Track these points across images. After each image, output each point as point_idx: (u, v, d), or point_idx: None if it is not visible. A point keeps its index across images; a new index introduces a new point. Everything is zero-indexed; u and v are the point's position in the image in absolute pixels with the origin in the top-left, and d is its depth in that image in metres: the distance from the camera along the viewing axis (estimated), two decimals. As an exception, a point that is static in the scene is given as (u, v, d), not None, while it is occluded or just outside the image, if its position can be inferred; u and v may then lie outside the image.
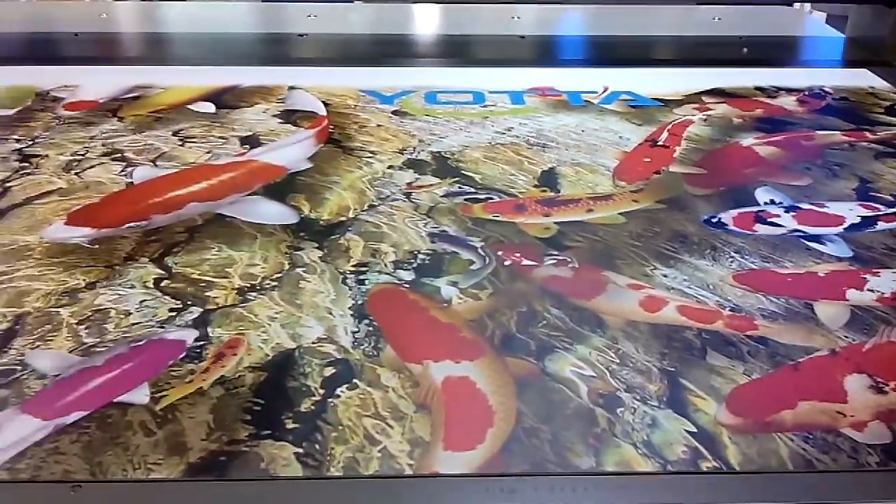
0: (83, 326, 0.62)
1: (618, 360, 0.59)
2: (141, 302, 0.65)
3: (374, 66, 1.24)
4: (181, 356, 0.59)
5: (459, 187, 0.85)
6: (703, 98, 1.10)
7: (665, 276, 0.70)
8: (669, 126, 1.00)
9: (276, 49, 1.32)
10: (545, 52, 1.33)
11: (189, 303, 0.65)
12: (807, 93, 1.11)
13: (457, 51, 1.31)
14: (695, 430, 0.53)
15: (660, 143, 0.95)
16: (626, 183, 0.86)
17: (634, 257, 0.72)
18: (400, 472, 0.50)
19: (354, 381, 0.57)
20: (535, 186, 0.85)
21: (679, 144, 0.95)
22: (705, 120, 1.02)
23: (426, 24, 1.40)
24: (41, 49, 1.30)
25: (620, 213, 0.80)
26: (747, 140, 0.97)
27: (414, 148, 0.93)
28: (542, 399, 0.56)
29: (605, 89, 1.12)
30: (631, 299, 0.66)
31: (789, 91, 1.12)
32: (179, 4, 1.44)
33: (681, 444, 0.52)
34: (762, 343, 0.61)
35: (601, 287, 0.68)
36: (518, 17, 1.39)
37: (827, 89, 1.13)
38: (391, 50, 1.30)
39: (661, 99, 1.08)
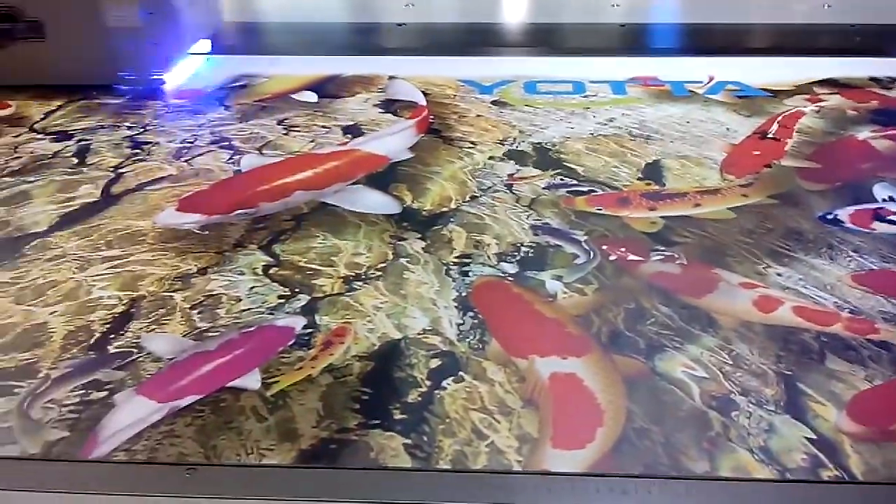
0: (196, 311, 0.64)
1: (731, 362, 0.58)
2: (251, 288, 0.66)
3: (473, 56, 1.23)
4: (290, 343, 0.60)
5: (561, 179, 0.83)
6: (815, 89, 1.05)
7: (779, 274, 0.67)
8: (780, 118, 0.96)
9: (375, 38, 1.32)
10: (646, 40, 1.30)
11: (297, 290, 0.66)
12: (927, 84, 1.06)
13: (556, 40, 1.29)
14: (814, 438, 0.51)
15: (770, 135, 0.92)
16: (734, 177, 0.83)
17: (746, 255, 0.70)
18: (508, 468, 0.49)
19: (460, 373, 0.57)
20: (640, 179, 0.83)
21: (790, 137, 0.92)
22: (818, 111, 0.98)
23: (524, 13, 1.38)
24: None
25: (729, 209, 0.77)
26: (863, 133, 0.93)
27: (514, 139, 0.93)
28: (652, 399, 0.54)
29: (711, 79, 1.09)
30: (744, 299, 0.64)
31: (907, 82, 1.07)
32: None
33: (800, 452, 0.50)
34: (884, 348, 0.59)
35: (712, 285, 0.66)
36: (617, 6, 1.36)
37: (949, 79, 1.07)
38: (489, 39, 1.29)
39: (770, 89, 1.05)
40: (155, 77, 1.02)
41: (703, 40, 1.29)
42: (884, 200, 0.78)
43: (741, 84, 1.07)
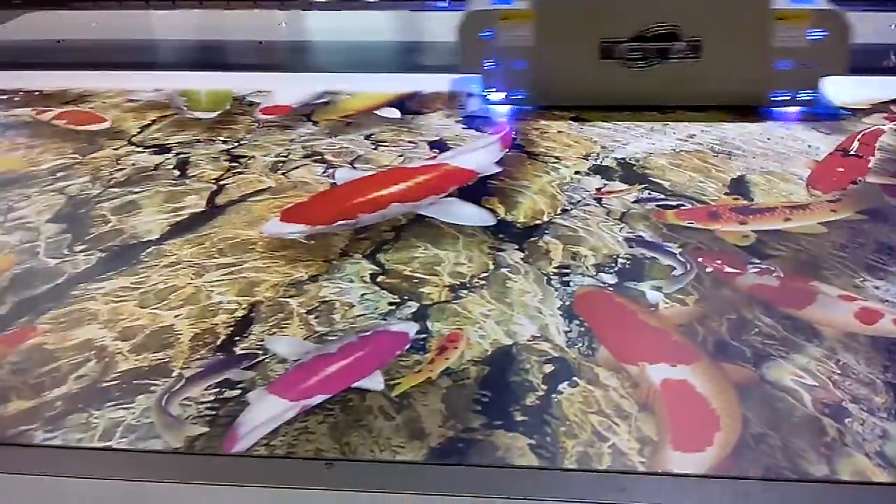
0: (312, 316, 0.67)
1: (839, 371, 0.59)
2: (361, 295, 0.69)
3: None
4: (406, 347, 0.62)
5: (649, 193, 0.85)
6: (893, 107, 1.06)
7: (877, 287, 0.69)
8: (860, 135, 0.97)
9: (448, 58, 1.35)
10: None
11: (406, 297, 0.69)
12: None
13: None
14: (929, 444, 0.53)
15: (852, 152, 0.93)
16: (821, 192, 0.85)
17: (841, 268, 0.71)
18: (633, 468, 0.51)
19: (574, 378, 0.59)
20: (727, 194, 0.85)
21: (872, 154, 0.93)
22: (898, 130, 0.99)
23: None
24: (230, 56, 1.39)
25: (820, 223, 0.79)
26: (946, 151, 0.94)
27: (597, 154, 0.95)
28: (765, 406, 0.56)
29: (787, 97, 1.10)
30: (845, 311, 0.66)
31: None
32: (354, 14, 1.50)
33: (917, 457, 0.52)
34: None
35: (811, 297, 0.68)
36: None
37: None
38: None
39: (848, 108, 1.06)
40: (804, 98, 1.03)
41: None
42: (973, 216, 0.79)
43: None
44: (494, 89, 1.05)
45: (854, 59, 1.15)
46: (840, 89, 1.11)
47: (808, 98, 1.03)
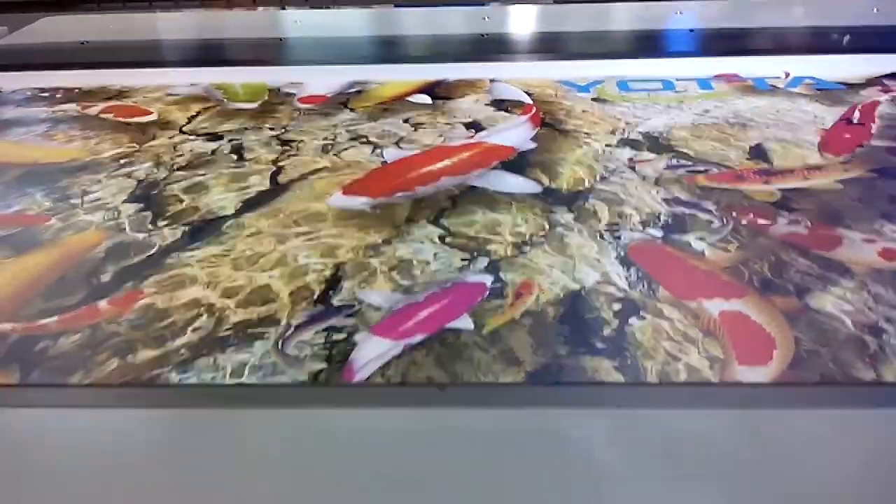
0: (395, 272, 0.74)
1: (872, 299, 0.67)
2: (434, 254, 0.76)
3: (559, 60, 1.33)
4: (486, 295, 0.70)
5: (678, 161, 0.93)
6: (885, 81, 1.16)
7: (894, 231, 0.77)
8: (860, 106, 1.06)
9: (464, 47, 1.43)
10: (718, 43, 1.41)
11: (475, 254, 0.76)
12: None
13: (632, 45, 1.40)
14: (958, 353, 0.61)
15: (854, 121, 1.02)
16: (833, 155, 0.93)
17: (861, 217, 0.80)
18: (708, 380, 0.59)
19: (641, 313, 0.67)
20: (748, 159, 0.93)
21: (873, 122, 1.02)
22: (892, 100, 1.08)
23: (599, 20, 1.50)
24: (259, 52, 1.45)
25: (836, 181, 0.87)
26: (939, 117, 1.03)
27: (623, 129, 1.03)
28: (813, 329, 0.64)
29: (787, 75, 1.19)
30: (869, 250, 0.74)
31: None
32: (373, 11, 1.58)
33: (949, 362, 0.60)
34: None
35: (838, 241, 0.76)
36: (681, 13, 1.47)
37: None
38: (571, 45, 1.40)
39: (844, 83, 1.15)
40: None
41: (773, 41, 1.40)
42: (971, 172, 0.88)
43: (816, 78, 1.17)
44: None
45: (838, 40, 1.24)
46: (836, 67, 1.20)
47: None
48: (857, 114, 1.04)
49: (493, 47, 1.43)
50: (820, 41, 1.40)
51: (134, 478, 0.53)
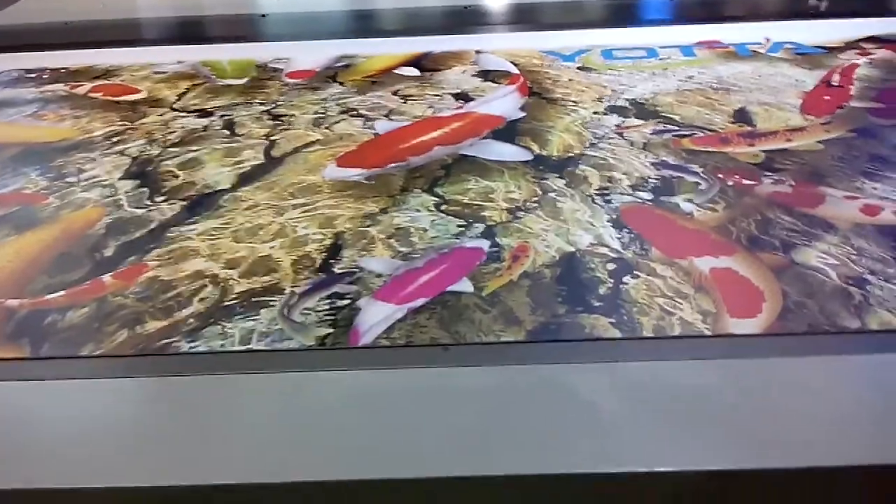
0: (393, 239, 0.76)
1: (855, 252, 0.70)
2: (431, 221, 0.78)
3: (542, 31, 1.35)
4: (483, 259, 0.72)
5: (664, 126, 0.95)
6: (862, 44, 1.18)
7: (874, 188, 0.80)
8: (838, 69, 1.09)
9: (448, 19, 1.44)
10: (699, 11, 1.43)
11: (471, 221, 0.78)
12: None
13: (614, 14, 1.41)
14: (939, 300, 0.64)
15: (834, 83, 1.05)
16: (814, 117, 0.95)
17: (842, 175, 0.83)
18: (702, 332, 0.61)
19: (635, 272, 0.69)
20: (732, 123, 0.95)
21: (852, 84, 1.04)
22: (870, 63, 1.11)
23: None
24: (243, 29, 1.45)
25: (818, 142, 0.90)
26: (915, 78, 1.05)
27: (609, 96, 1.05)
28: (799, 282, 0.67)
29: (768, 40, 1.21)
30: (851, 207, 0.77)
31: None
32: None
33: (929, 309, 0.63)
34: (978, 235, 0.71)
35: (821, 199, 0.78)
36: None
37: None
38: (554, 16, 1.42)
39: (823, 47, 1.17)
40: None
41: (751, 7, 1.42)
42: (948, 130, 0.91)
43: (796, 43, 1.19)
44: None
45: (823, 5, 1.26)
46: (814, 31, 1.22)
47: None
48: (836, 77, 1.06)
49: (477, 19, 1.44)
50: (799, 7, 1.42)
51: (149, 445, 0.55)
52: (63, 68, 1.25)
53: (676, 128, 0.95)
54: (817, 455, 0.50)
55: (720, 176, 0.83)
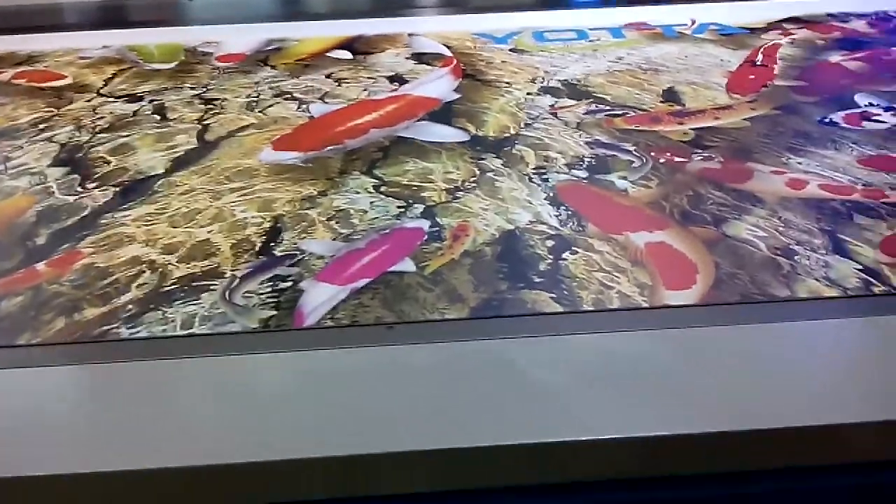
0: (333, 221, 0.76)
1: (783, 225, 0.73)
2: (371, 203, 0.78)
3: (473, 14, 1.36)
4: (424, 239, 0.72)
5: (596, 106, 0.97)
6: (784, 25, 1.22)
7: (799, 163, 0.83)
8: (762, 49, 1.12)
9: (378, 2, 1.44)
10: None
11: (411, 202, 0.78)
12: (873, 17, 1.24)
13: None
14: (861, 268, 0.67)
15: (758, 63, 1.08)
16: (740, 96, 0.99)
17: (768, 151, 0.86)
18: (639, 305, 0.63)
19: (573, 248, 0.71)
20: (662, 102, 0.98)
21: (776, 63, 1.08)
22: (792, 42, 1.15)
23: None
24: (170, 13, 1.42)
25: (744, 119, 0.93)
26: (835, 57, 1.10)
27: (542, 77, 1.06)
28: (730, 254, 0.69)
29: (693, 22, 1.24)
30: (778, 182, 0.80)
31: (858, 16, 1.24)
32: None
33: (854, 277, 0.66)
34: (896, 207, 0.75)
35: (749, 174, 0.81)
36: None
37: (891, 13, 1.25)
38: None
39: (747, 27, 1.21)
40: None
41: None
42: (866, 105, 0.95)
43: (720, 24, 1.23)
44: None
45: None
46: (737, 13, 1.26)
47: None
48: (760, 56, 1.10)
49: (408, 1, 1.43)
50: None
51: (90, 434, 0.54)
52: (-19, 55, 1.21)
53: (608, 108, 0.97)
54: (750, 417, 0.52)
55: (652, 154, 0.85)
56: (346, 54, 1.17)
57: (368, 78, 1.08)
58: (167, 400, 0.56)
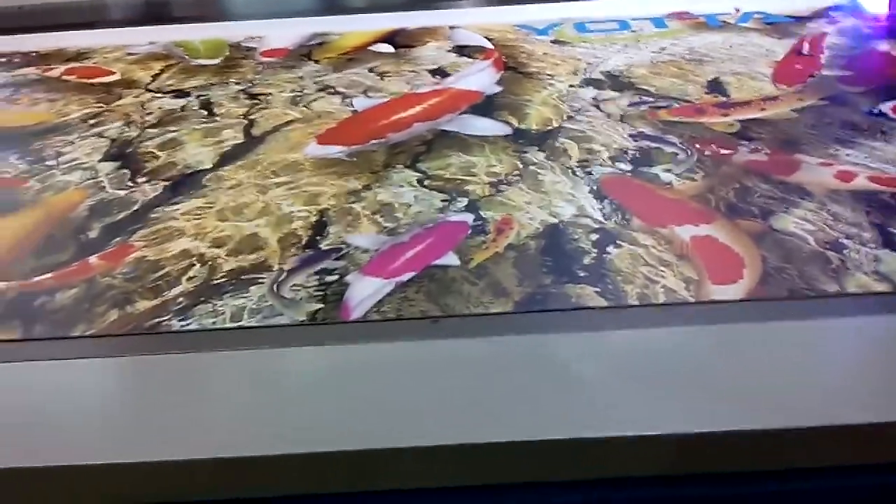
0: (378, 215, 0.76)
1: (832, 218, 0.72)
2: (415, 196, 0.79)
3: (515, 5, 1.35)
4: (468, 232, 0.73)
5: (640, 98, 0.97)
6: (830, 13, 1.20)
7: (848, 155, 0.82)
8: (808, 38, 1.11)
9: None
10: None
11: (454, 195, 0.79)
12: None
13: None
14: (912, 262, 0.66)
15: (804, 52, 1.06)
16: (786, 86, 0.97)
17: (816, 142, 0.84)
18: (685, 300, 0.63)
19: (618, 242, 0.70)
20: (707, 93, 0.97)
21: (822, 53, 1.06)
22: (838, 31, 1.13)
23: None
24: (213, 9, 1.44)
25: (791, 110, 0.91)
26: (882, 46, 1.08)
27: (585, 69, 1.06)
28: (778, 247, 0.69)
29: (738, 10, 1.22)
30: (826, 173, 0.79)
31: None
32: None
33: (904, 271, 0.65)
34: (947, 200, 0.73)
35: (796, 166, 0.80)
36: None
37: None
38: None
39: (792, 16, 1.19)
40: None
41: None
42: (916, 96, 0.93)
43: (765, 13, 1.21)
44: None
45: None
46: (783, 1, 1.24)
47: None
48: (806, 45, 1.08)
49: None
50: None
51: (143, 424, 0.55)
52: (33, 52, 1.23)
53: (652, 99, 0.96)
54: (799, 415, 0.52)
55: (697, 146, 0.85)
56: (388, 48, 1.18)
57: (411, 71, 1.09)
58: (217, 392, 0.57)
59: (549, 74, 1.06)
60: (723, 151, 0.84)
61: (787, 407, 0.53)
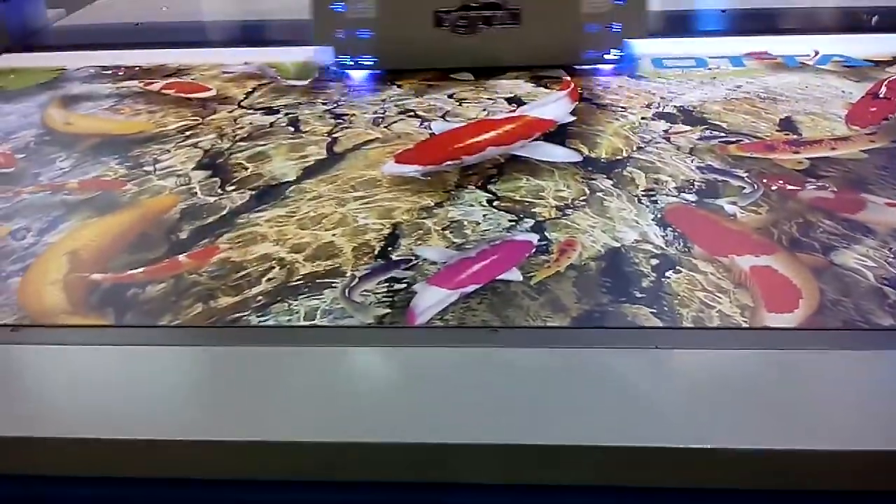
0: (447, 231, 0.80)
1: (892, 256, 0.73)
2: (484, 216, 0.83)
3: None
4: (532, 251, 0.76)
5: (711, 132, 0.99)
6: (912, 58, 1.20)
7: (916, 196, 0.82)
8: (886, 81, 1.11)
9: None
10: (749, 23, 1.45)
11: (521, 216, 0.82)
12: None
13: (667, 24, 1.44)
14: (972, 302, 0.66)
15: (881, 95, 1.07)
16: (859, 127, 0.98)
17: (884, 183, 0.85)
18: (739, 325, 0.65)
19: (678, 267, 0.73)
20: (778, 131, 0.98)
21: (899, 96, 1.06)
22: (919, 76, 1.13)
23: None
24: (306, 32, 1.51)
25: (862, 150, 0.92)
26: (962, 93, 1.07)
27: (658, 103, 1.08)
28: (836, 281, 0.70)
29: (816, 53, 1.23)
30: (892, 213, 0.79)
31: None
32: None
33: (964, 310, 0.65)
34: None
35: (862, 205, 0.81)
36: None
37: None
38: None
39: (871, 60, 1.19)
40: (609, 57, 1.19)
41: (800, 21, 1.44)
42: None
43: (845, 56, 1.22)
44: (346, 57, 1.21)
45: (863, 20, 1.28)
46: (863, 44, 1.24)
47: (615, 57, 1.21)
48: (883, 89, 1.09)
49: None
50: (848, 21, 1.43)
51: (220, 408, 0.60)
52: (137, 66, 1.32)
53: (723, 134, 0.98)
54: (843, 438, 0.53)
55: (764, 180, 0.86)
56: (469, 76, 1.23)
57: (488, 99, 1.13)
58: (288, 384, 0.62)
59: (622, 107, 1.09)
60: (789, 187, 0.85)
61: (833, 429, 0.55)
